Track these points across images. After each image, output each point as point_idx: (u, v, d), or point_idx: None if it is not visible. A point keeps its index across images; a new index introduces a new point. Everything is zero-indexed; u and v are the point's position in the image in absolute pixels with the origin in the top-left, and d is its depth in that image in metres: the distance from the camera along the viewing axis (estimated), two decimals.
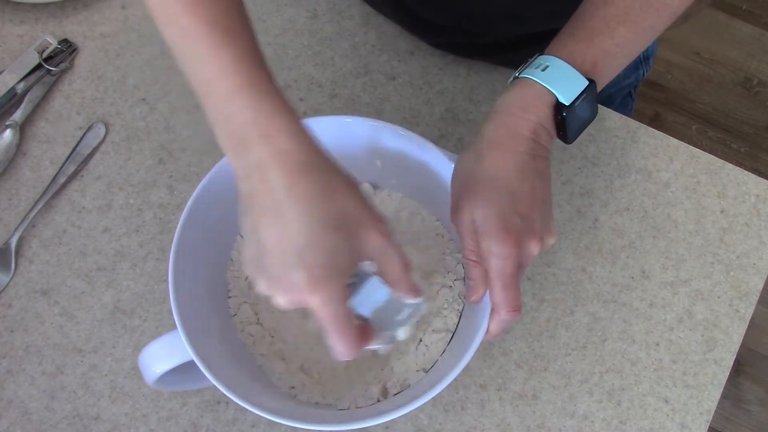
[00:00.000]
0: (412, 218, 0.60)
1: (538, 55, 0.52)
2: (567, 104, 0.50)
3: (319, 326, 0.41)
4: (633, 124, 0.71)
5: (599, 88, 0.52)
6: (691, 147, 0.70)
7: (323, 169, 0.41)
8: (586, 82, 0.50)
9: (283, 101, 0.41)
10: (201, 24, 0.41)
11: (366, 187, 0.60)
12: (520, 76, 0.51)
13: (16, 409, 0.61)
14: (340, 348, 0.42)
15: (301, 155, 0.40)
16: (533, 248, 0.48)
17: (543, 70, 0.50)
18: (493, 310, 0.49)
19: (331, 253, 0.40)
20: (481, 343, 0.50)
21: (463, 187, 0.50)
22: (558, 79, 0.50)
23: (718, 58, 1.69)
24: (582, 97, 0.50)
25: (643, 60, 0.81)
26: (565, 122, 0.50)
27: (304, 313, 0.55)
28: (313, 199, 0.40)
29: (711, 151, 0.70)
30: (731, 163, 0.69)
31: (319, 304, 0.40)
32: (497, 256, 0.47)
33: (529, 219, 0.48)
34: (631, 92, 0.86)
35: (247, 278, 0.58)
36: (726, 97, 1.66)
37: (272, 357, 0.55)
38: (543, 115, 0.50)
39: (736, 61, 1.69)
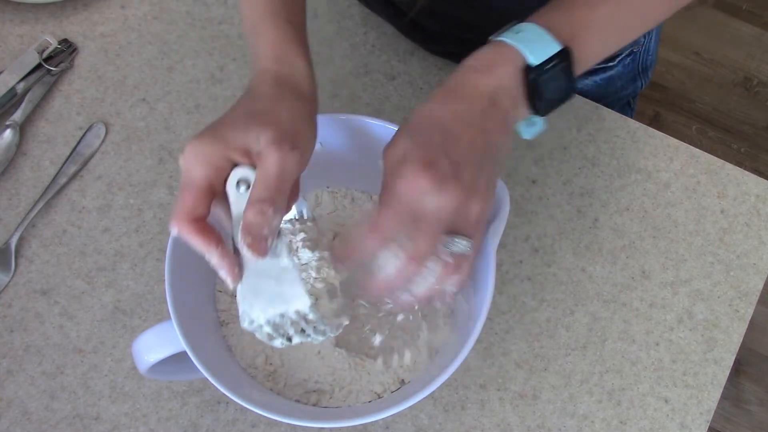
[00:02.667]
0: None
1: (515, 23, 0.49)
2: (536, 64, 0.46)
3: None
4: (633, 124, 0.71)
5: (580, 65, 0.49)
6: (691, 147, 0.70)
7: (290, 88, 0.47)
8: (559, 46, 0.47)
9: (289, 38, 0.49)
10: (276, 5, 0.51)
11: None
12: (493, 39, 0.48)
13: (16, 409, 0.61)
14: (174, 215, 0.43)
15: (283, 76, 0.48)
16: (449, 198, 0.43)
17: (516, 33, 0.48)
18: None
19: (227, 125, 0.44)
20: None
21: (403, 125, 0.47)
22: (529, 40, 0.47)
23: (718, 58, 1.69)
24: (554, 62, 0.47)
25: (641, 72, 0.80)
26: (536, 85, 0.47)
27: None
28: (265, 97, 0.46)
29: (711, 151, 0.70)
30: (731, 163, 0.69)
31: (185, 157, 0.43)
32: (406, 180, 0.43)
33: (458, 168, 0.43)
34: (630, 102, 0.85)
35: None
36: (726, 97, 1.66)
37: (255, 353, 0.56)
38: (507, 76, 0.46)
39: (736, 61, 1.69)
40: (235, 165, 0.43)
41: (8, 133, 0.69)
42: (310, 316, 0.44)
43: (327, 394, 0.54)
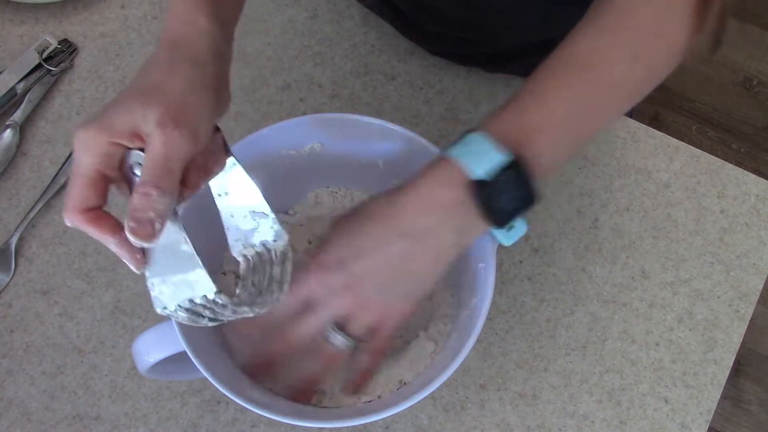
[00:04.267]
0: None
1: (466, 132, 0.46)
2: (478, 178, 0.45)
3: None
4: (633, 124, 0.71)
5: (537, 171, 0.45)
6: (691, 147, 0.70)
7: (183, 53, 0.44)
8: (503, 156, 0.44)
9: (203, 4, 0.46)
10: None
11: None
12: (441, 153, 0.47)
13: (16, 409, 0.61)
14: (64, 207, 0.41)
15: (178, 37, 0.45)
16: (341, 303, 0.49)
17: (463, 146, 0.46)
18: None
19: (115, 107, 0.41)
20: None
21: (347, 220, 0.50)
22: (473, 153, 0.45)
23: (718, 58, 1.69)
24: (502, 172, 0.44)
25: None
26: (486, 198, 0.45)
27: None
28: (157, 67, 0.43)
29: (711, 151, 0.70)
30: (731, 163, 0.69)
31: (74, 146, 0.41)
32: (314, 272, 0.48)
33: (358, 282, 0.48)
34: None
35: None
36: (726, 97, 1.66)
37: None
38: (451, 198, 0.46)
39: (736, 61, 1.69)
40: (129, 148, 0.41)
41: (8, 133, 0.69)
42: (220, 302, 0.43)
43: (327, 394, 0.54)
